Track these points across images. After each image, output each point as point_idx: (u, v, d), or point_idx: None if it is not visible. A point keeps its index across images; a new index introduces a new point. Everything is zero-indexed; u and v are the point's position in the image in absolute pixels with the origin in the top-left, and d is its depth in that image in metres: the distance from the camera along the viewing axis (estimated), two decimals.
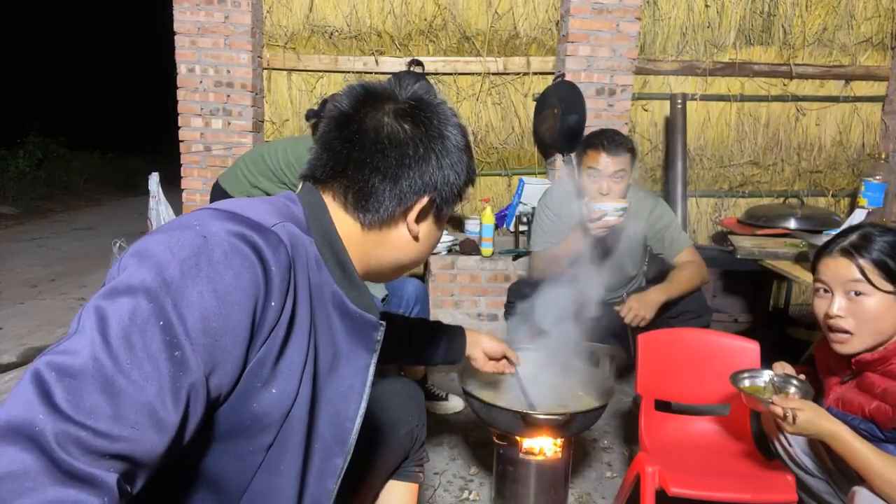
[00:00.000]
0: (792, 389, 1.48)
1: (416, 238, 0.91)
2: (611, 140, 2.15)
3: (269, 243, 0.71)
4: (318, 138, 0.91)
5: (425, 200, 0.87)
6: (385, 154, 0.84)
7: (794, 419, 1.32)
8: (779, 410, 1.35)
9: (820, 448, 1.52)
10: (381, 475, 1.27)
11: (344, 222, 0.88)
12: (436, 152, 0.87)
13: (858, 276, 1.37)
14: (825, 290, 1.43)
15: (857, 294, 1.38)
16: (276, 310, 0.71)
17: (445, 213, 0.94)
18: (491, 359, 1.54)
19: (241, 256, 0.68)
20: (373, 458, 1.20)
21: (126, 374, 0.56)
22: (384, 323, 0.91)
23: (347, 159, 0.85)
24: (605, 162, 2.14)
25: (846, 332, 1.40)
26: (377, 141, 0.84)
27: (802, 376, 1.52)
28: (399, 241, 0.91)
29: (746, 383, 1.57)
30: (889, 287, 1.36)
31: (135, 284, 0.62)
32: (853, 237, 1.42)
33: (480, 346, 1.51)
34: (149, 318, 0.60)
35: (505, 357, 1.55)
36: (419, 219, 0.89)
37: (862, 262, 1.38)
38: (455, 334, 1.50)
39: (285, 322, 0.73)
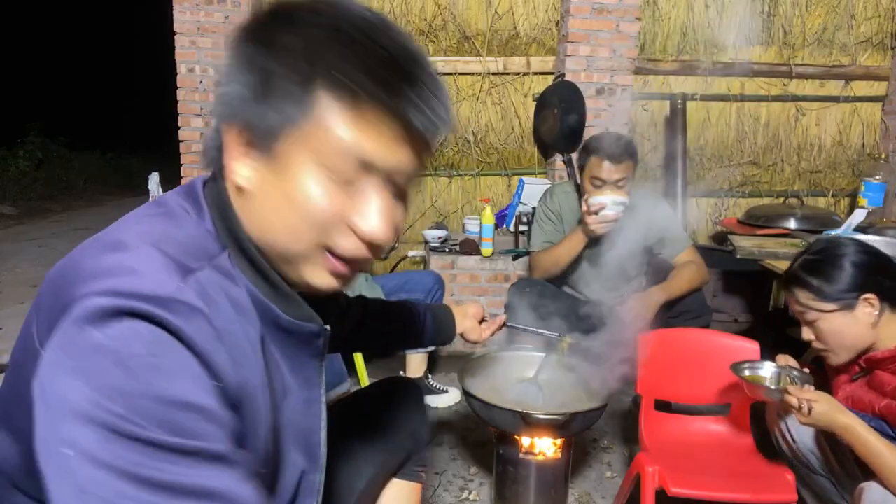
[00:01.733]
0: (792, 387, 1.49)
1: (239, 188, 0.65)
2: (613, 147, 2.14)
3: (179, 315, 0.55)
4: None
5: (233, 131, 0.63)
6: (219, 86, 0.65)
7: (809, 410, 1.32)
8: (794, 401, 1.35)
9: (825, 445, 1.52)
10: (382, 475, 1.26)
11: (235, 203, 0.68)
12: (237, 57, 0.63)
13: (800, 307, 1.45)
14: (797, 319, 1.50)
15: (811, 320, 1.44)
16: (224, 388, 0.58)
17: (270, 139, 0.62)
18: (481, 322, 1.48)
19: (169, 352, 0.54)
20: (373, 459, 1.20)
21: None
22: (328, 328, 0.76)
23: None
24: (609, 170, 2.13)
25: (826, 350, 1.46)
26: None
27: (806, 369, 1.53)
28: (236, 196, 0.67)
29: (747, 374, 1.58)
30: (830, 306, 1.41)
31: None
32: (791, 267, 1.48)
33: (469, 316, 1.45)
34: None
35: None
36: (240, 159, 0.64)
37: (797, 292, 1.45)
38: (442, 312, 1.43)
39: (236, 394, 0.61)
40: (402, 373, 2.66)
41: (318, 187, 0.62)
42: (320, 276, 0.68)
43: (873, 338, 1.40)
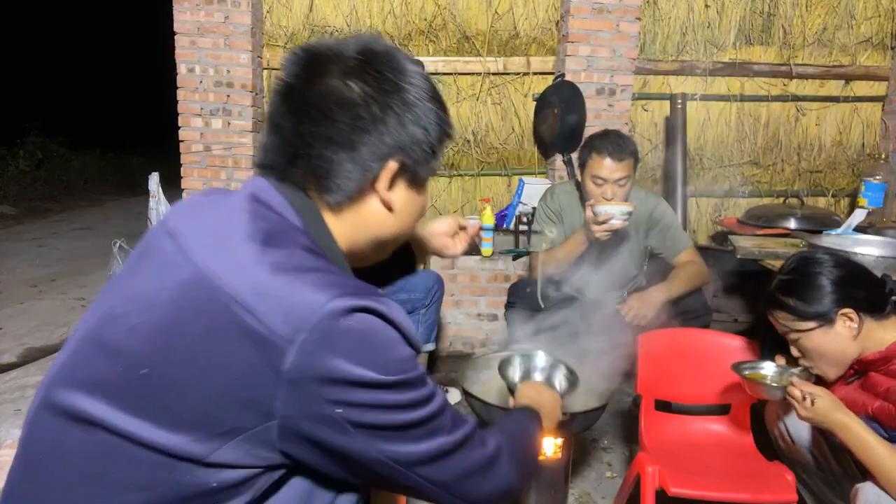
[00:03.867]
0: (795, 378, 1.49)
1: (390, 209, 0.83)
2: (615, 146, 2.14)
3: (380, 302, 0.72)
4: (266, 118, 0.83)
5: (393, 165, 0.79)
6: (335, 120, 0.75)
7: (812, 402, 1.33)
8: (797, 393, 1.36)
9: (823, 445, 1.52)
10: None
11: (325, 217, 0.82)
12: (393, 108, 0.77)
13: (781, 326, 1.47)
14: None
15: (794, 339, 1.46)
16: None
17: (423, 176, 0.85)
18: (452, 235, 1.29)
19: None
20: None
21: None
22: None
23: (298, 136, 0.77)
24: (610, 168, 2.13)
25: (814, 367, 1.47)
26: (324, 108, 0.76)
27: (805, 371, 1.53)
28: (375, 216, 0.83)
29: (747, 373, 1.58)
30: (809, 325, 1.42)
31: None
32: (768, 288, 1.50)
33: (438, 234, 1.26)
34: None
35: (460, 228, 1.29)
36: (391, 186, 0.81)
37: (776, 313, 1.47)
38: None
39: None
40: None
41: (426, 199, 0.90)
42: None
43: (858, 348, 1.41)
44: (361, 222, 0.83)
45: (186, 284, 0.69)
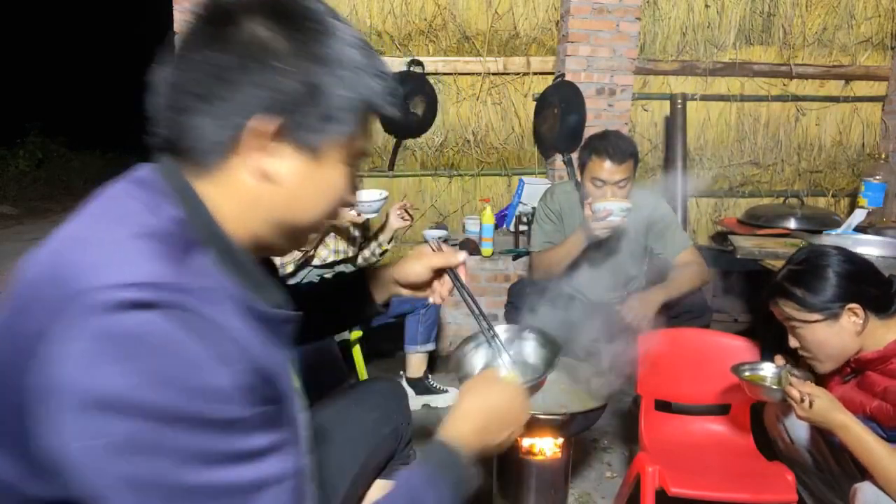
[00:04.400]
0: (794, 379, 1.49)
1: (268, 178, 0.68)
2: (615, 147, 2.14)
3: (193, 297, 0.58)
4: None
5: (262, 125, 0.65)
6: (195, 71, 0.65)
7: (810, 404, 1.33)
8: (795, 394, 1.36)
9: (822, 445, 1.53)
10: (366, 475, 1.24)
11: (243, 190, 0.69)
12: (276, 58, 0.65)
13: (785, 315, 1.46)
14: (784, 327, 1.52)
15: (796, 329, 1.46)
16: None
17: (315, 144, 0.69)
18: (432, 278, 1.14)
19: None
20: (355, 458, 1.18)
21: None
22: (300, 313, 0.77)
23: (166, 95, 0.67)
24: (610, 171, 2.13)
25: (811, 358, 1.47)
26: (188, 56, 0.66)
27: (804, 372, 1.53)
28: (259, 190, 0.69)
29: (747, 375, 1.58)
30: (814, 316, 1.42)
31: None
32: (775, 278, 1.50)
33: (407, 280, 1.13)
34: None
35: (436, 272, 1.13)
36: (273, 154, 0.68)
37: (781, 302, 1.46)
38: (355, 283, 1.18)
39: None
40: (402, 373, 2.66)
41: (344, 179, 0.74)
42: (309, 240, 0.77)
43: (858, 345, 1.41)
44: (248, 198, 0.69)
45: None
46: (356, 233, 2.47)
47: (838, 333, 1.40)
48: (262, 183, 0.69)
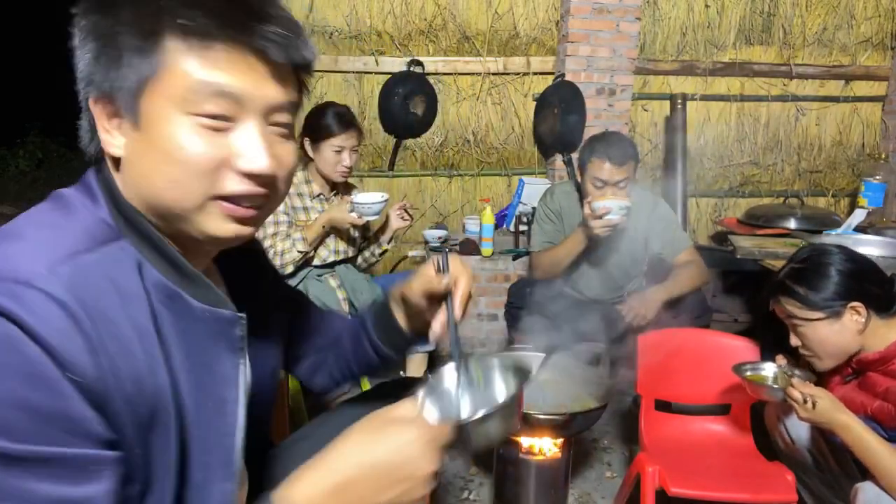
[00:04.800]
0: (796, 380, 1.49)
1: (118, 163, 0.66)
2: (615, 149, 2.14)
3: (23, 304, 0.54)
4: None
5: (97, 105, 0.65)
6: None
7: (813, 405, 1.33)
8: (797, 395, 1.36)
9: (822, 445, 1.53)
10: None
11: (119, 180, 0.67)
12: (80, 30, 0.65)
13: (787, 313, 1.47)
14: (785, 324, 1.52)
15: (797, 327, 1.46)
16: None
17: (129, 101, 0.63)
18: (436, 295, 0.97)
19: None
20: None
21: None
22: (243, 316, 0.73)
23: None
24: (610, 172, 2.13)
25: (812, 356, 1.48)
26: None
27: (806, 372, 1.54)
28: (121, 177, 0.67)
29: (748, 374, 1.59)
30: (817, 314, 1.42)
31: None
32: (777, 276, 1.50)
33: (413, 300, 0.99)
34: None
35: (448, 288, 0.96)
36: (111, 131, 0.65)
37: (783, 300, 1.46)
38: (378, 314, 1.06)
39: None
40: (402, 373, 2.66)
41: (190, 135, 0.62)
42: (221, 225, 0.66)
43: (859, 344, 1.41)
44: (123, 187, 0.67)
45: None
46: (356, 233, 2.46)
47: (840, 332, 1.40)
48: (122, 170, 0.66)
